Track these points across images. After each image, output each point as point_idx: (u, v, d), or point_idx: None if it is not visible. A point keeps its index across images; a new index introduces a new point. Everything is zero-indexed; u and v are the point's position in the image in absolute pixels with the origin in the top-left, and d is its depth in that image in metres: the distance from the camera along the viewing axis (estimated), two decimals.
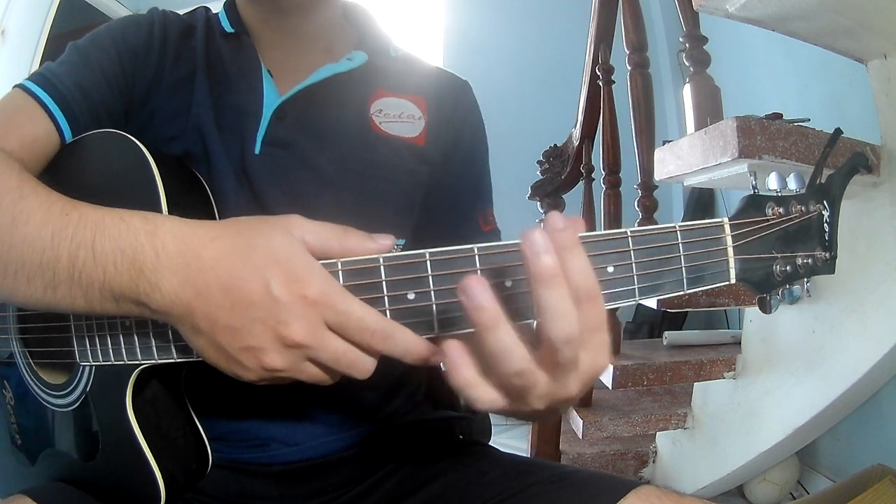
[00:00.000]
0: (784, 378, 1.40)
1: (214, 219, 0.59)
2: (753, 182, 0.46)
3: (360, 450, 0.65)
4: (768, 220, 0.45)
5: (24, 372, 0.65)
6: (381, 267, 0.43)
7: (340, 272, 0.43)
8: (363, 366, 0.42)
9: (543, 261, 0.34)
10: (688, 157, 1.18)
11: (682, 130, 2.28)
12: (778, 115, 1.18)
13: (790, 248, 0.45)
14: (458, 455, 0.66)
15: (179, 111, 0.64)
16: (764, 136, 1.05)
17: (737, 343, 1.58)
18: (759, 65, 2.11)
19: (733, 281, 0.45)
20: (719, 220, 0.45)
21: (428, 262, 0.42)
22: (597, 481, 0.55)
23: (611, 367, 1.46)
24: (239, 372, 0.43)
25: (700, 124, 1.29)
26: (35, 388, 0.63)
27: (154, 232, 0.43)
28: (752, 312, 1.52)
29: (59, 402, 0.60)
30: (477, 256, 0.42)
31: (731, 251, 0.44)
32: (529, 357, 0.36)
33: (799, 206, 0.45)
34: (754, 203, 0.45)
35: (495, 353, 0.36)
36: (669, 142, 1.30)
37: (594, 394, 1.78)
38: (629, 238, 0.43)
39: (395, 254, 0.43)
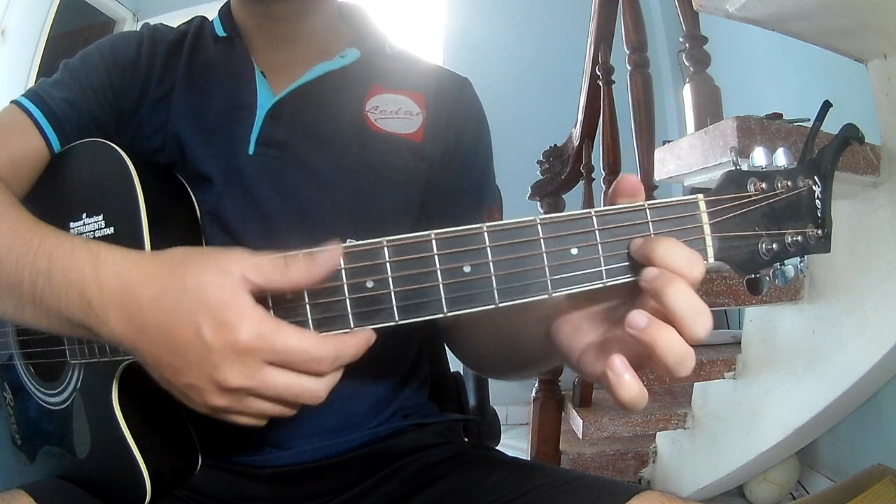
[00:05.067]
0: (784, 378, 1.40)
1: (197, 222, 0.61)
2: (734, 158, 0.44)
3: (357, 454, 0.65)
4: (750, 196, 0.42)
5: (22, 372, 0.65)
6: (340, 256, 0.43)
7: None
8: (313, 394, 0.42)
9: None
10: (688, 157, 1.18)
11: (682, 130, 2.28)
12: (778, 115, 1.18)
13: (777, 225, 0.42)
14: (460, 458, 0.66)
15: (160, 126, 0.65)
16: (764, 136, 1.05)
17: (737, 343, 1.58)
18: (759, 65, 2.11)
19: (712, 260, 0.42)
20: (693, 196, 0.42)
21: (385, 250, 0.42)
22: (599, 486, 0.55)
23: None
24: (189, 405, 0.43)
25: (700, 124, 1.30)
26: (31, 387, 0.64)
27: (97, 267, 0.43)
28: (752, 312, 1.52)
29: (53, 400, 0.61)
30: (434, 242, 0.41)
31: (707, 228, 0.41)
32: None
33: (785, 182, 0.42)
34: (734, 178, 0.42)
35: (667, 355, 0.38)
36: (669, 142, 1.30)
37: (594, 394, 1.78)
38: (593, 218, 0.41)
39: (353, 242, 0.43)
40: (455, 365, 0.86)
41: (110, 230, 0.57)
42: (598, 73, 1.80)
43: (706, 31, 1.42)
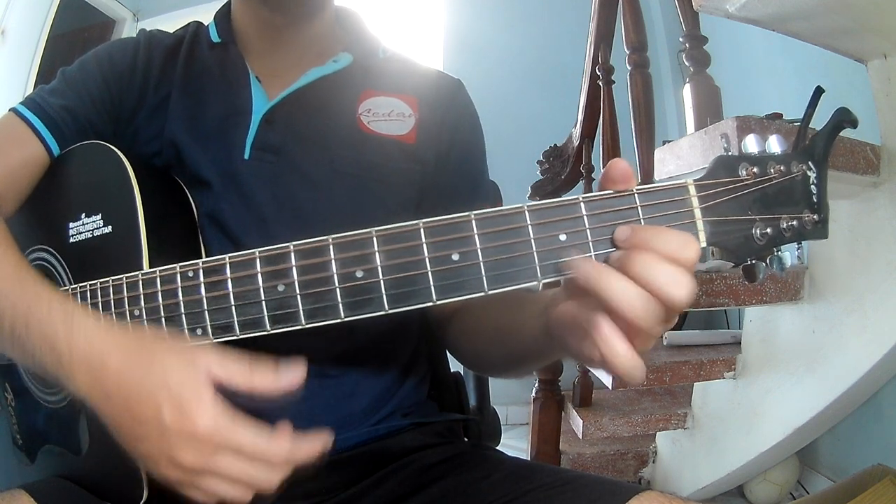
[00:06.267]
0: (784, 378, 1.40)
1: (195, 222, 0.62)
2: (725, 144, 0.43)
3: (357, 452, 0.65)
4: (742, 181, 0.42)
5: (23, 372, 0.65)
6: (330, 246, 0.43)
7: (292, 253, 0.44)
8: (264, 484, 0.44)
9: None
10: (688, 157, 1.18)
11: (682, 130, 2.28)
12: (778, 115, 1.18)
13: (771, 210, 0.42)
14: (460, 458, 0.65)
15: (157, 132, 0.66)
16: (764, 135, 1.05)
17: (737, 343, 1.58)
18: (759, 65, 2.11)
19: (704, 244, 0.42)
20: (683, 181, 0.42)
21: (374, 239, 0.42)
22: (598, 486, 0.55)
23: None
24: (146, 468, 0.46)
25: (700, 124, 1.29)
26: (31, 386, 0.64)
27: (70, 329, 0.46)
28: (752, 312, 1.52)
29: (53, 398, 0.61)
30: (422, 231, 0.42)
31: (698, 213, 0.41)
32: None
33: (778, 167, 0.42)
34: (725, 163, 0.42)
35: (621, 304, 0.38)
36: (669, 142, 1.30)
37: (594, 394, 1.78)
38: (581, 204, 0.41)
39: (343, 233, 0.43)
40: (455, 365, 0.86)
41: (108, 229, 0.57)
42: (598, 73, 1.80)
43: (706, 31, 1.42)
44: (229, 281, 0.47)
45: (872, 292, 1.20)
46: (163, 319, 0.50)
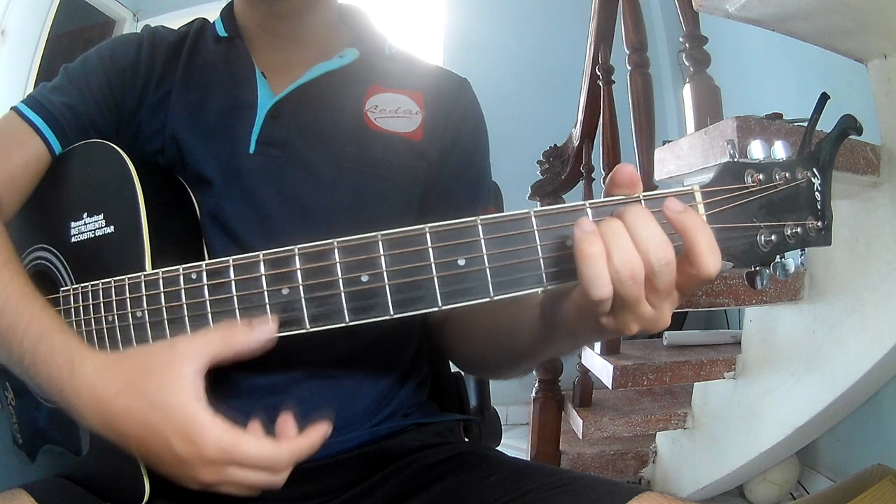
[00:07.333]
0: (784, 378, 1.40)
1: (197, 221, 0.62)
2: (731, 150, 0.44)
3: (357, 453, 0.64)
4: (747, 188, 0.42)
5: None
6: (335, 249, 0.43)
7: (297, 256, 0.44)
8: (272, 484, 0.48)
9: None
10: (688, 157, 1.18)
11: (682, 130, 2.28)
12: (778, 115, 1.18)
13: (776, 217, 0.42)
14: (460, 458, 0.65)
15: (159, 128, 0.66)
16: (764, 135, 1.05)
17: (737, 343, 1.58)
18: (759, 65, 2.11)
19: None
20: (689, 187, 0.42)
21: (380, 244, 0.42)
22: (598, 487, 0.54)
23: (611, 367, 1.46)
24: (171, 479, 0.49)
25: (700, 124, 1.29)
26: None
27: (72, 376, 0.48)
28: (752, 312, 1.52)
29: None
30: (428, 235, 0.42)
31: (704, 219, 0.41)
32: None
33: (783, 174, 0.42)
34: (731, 170, 0.43)
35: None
36: (669, 142, 1.30)
37: (594, 394, 1.78)
38: (588, 210, 0.41)
39: (348, 237, 0.43)
40: None
41: (110, 229, 0.57)
42: (598, 73, 1.80)
43: (706, 31, 1.42)
44: (233, 283, 0.47)
45: (872, 292, 1.20)
46: (166, 322, 0.50)
